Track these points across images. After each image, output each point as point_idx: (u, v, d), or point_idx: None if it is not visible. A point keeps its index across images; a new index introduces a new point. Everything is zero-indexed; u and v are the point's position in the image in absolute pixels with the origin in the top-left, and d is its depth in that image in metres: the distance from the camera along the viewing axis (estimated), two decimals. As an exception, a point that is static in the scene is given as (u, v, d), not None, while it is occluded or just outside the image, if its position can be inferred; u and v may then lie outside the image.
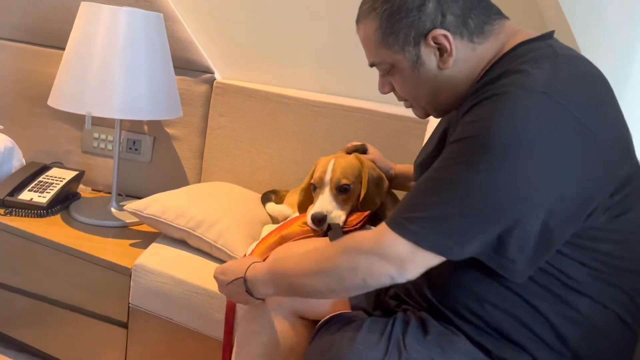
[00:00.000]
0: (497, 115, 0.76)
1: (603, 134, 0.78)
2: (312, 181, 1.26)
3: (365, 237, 0.83)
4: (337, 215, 1.20)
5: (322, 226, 1.19)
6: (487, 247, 0.78)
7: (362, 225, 1.22)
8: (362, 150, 1.36)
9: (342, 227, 1.20)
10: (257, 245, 1.23)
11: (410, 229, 0.78)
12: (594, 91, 0.81)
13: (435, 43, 0.86)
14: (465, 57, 0.87)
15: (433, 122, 1.53)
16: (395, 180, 1.36)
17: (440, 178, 0.80)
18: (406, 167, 1.37)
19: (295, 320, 1.07)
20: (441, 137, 1.00)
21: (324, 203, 1.20)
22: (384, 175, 1.29)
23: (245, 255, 1.28)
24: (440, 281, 0.89)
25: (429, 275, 0.94)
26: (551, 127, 0.75)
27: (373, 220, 1.25)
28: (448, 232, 0.77)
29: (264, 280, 0.94)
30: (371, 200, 1.24)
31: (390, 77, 0.94)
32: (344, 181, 1.21)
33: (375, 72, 0.97)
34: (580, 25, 1.31)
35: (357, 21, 0.94)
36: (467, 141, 0.78)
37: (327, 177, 1.22)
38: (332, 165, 1.23)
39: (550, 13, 1.40)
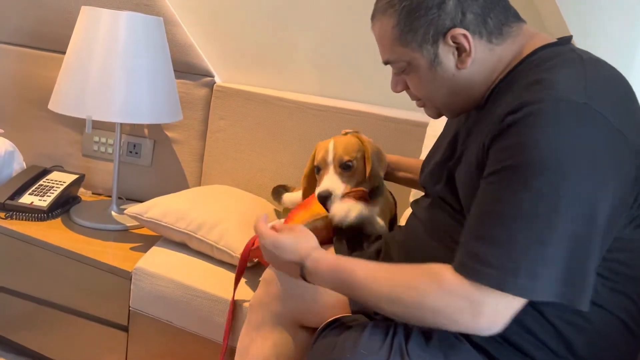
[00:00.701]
0: (548, 134, 0.73)
1: (634, 138, 0.77)
2: (315, 163, 1.27)
3: (454, 282, 0.76)
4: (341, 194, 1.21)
5: (327, 204, 1.21)
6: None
7: (360, 197, 1.23)
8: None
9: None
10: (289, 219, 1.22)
11: (504, 279, 0.73)
12: (623, 94, 0.81)
13: (454, 42, 0.84)
14: (483, 57, 0.86)
15: (433, 125, 1.53)
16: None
17: (512, 214, 0.74)
18: (396, 157, 1.36)
19: (297, 330, 1.08)
20: (451, 143, 0.98)
21: (329, 181, 1.22)
22: (381, 149, 1.30)
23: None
24: None
25: None
26: (596, 137, 0.73)
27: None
28: (540, 272, 0.73)
29: (325, 279, 0.88)
30: (376, 174, 1.26)
31: (405, 76, 0.92)
32: (347, 158, 1.23)
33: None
34: (579, 29, 1.31)
35: (373, 17, 0.91)
36: (523, 167, 0.73)
37: (330, 156, 1.24)
38: (333, 145, 1.24)
39: (550, 18, 1.41)
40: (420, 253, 0.99)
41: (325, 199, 1.20)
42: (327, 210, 1.21)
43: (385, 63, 0.93)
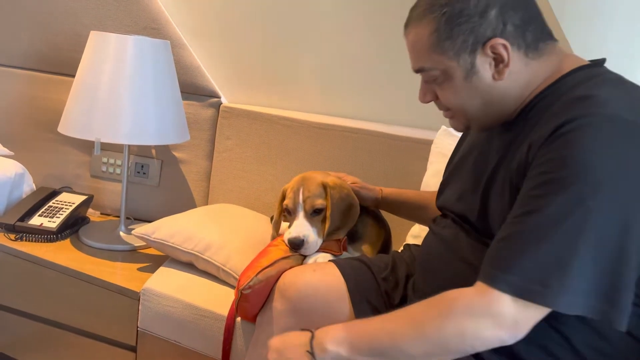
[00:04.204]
0: (594, 148, 0.72)
1: None
2: (284, 205, 1.26)
3: (470, 298, 0.76)
4: (314, 240, 1.20)
5: (300, 250, 1.20)
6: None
7: (336, 250, 1.24)
8: None
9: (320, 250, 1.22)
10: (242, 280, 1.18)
11: (529, 288, 0.72)
12: None
13: (492, 52, 0.83)
14: (518, 70, 0.85)
15: (438, 142, 1.54)
16: (382, 206, 1.35)
17: (547, 223, 0.73)
18: (394, 192, 1.35)
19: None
20: (478, 165, 0.96)
21: (300, 227, 1.20)
22: (355, 203, 1.26)
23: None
24: None
25: None
26: None
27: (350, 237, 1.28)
28: (570, 283, 0.72)
29: (337, 339, 0.83)
30: (334, 232, 1.23)
31: (437, 85, 0.89)
32: (318, 204, 1.21)
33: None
34: (578, 43, 1.32)
35: (407, 25, 0.89)
36: (565, 179, 0.73)
37: (300, 202, 1.22)
38: (302, 191, 1.23)
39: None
40: (443, 271, 0.98)
41: (297, 246, 1.19)
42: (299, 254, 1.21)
43: (417, 71, 0.90)
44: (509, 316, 0.74)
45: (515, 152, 0.84)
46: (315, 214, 1.22)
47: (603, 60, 0.88)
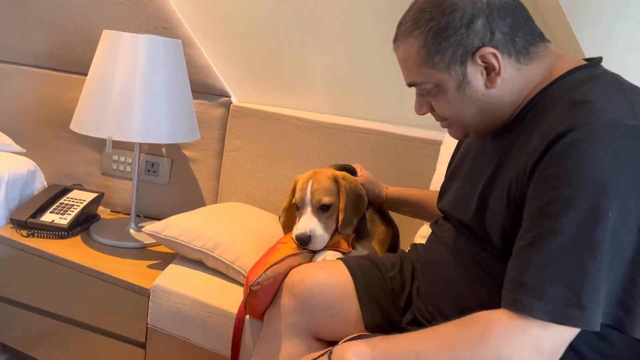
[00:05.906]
0: (602, 159, 0.71)
1: None
2: (293, 201, 1.27)
3: (506, 324, 0.74)
4: (321, 235, 1.21)
5: (307, 245, 1.20)
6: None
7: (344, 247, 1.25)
8: (351, 172, 1.35)
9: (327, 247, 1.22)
10: (251, 274, 1.18)
11: (567, 312, 0.71)
12: None
13: (482, 62, 0.83)
14: (511, 77, 0.84)
15: (447, 143, 1.54)
16: (387, 204, 1.36)
17: (570, 243, 0.72)
18: (399, 190, 1.36)
19: (312, 342, 1.08)
20: (475, 168, 0.96)
21: (307, 223, 1.21)
22: (363, 193, 1.28)
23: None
24: (468, 311, 0.89)
25: (456, 304, 0.92)
26: None
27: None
28: (600, 298, 0.71)
29: (359, 354, 0.81)
30: (349, 222, 1.24)
31: (431, 98, 0.89)
32: (325, 200, 1.22)
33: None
34: (589, 43, 1.32)
35: (396, 40, 0.90)
36: (578, 194, 0.72)
37: (307, 197, 1.23)
38: (311, 186, 1.23)
39: (560, 33, 1.42)
40: (445, 275, 0.98)
41: (304, 242, 1.20)
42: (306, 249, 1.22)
43: (410, 85, 0.90)
44: (547, 342, 0.73)
45: (512, 160, 0.84)
46: (322, 210, 1.23)
47: (599, 60, 0.87)
